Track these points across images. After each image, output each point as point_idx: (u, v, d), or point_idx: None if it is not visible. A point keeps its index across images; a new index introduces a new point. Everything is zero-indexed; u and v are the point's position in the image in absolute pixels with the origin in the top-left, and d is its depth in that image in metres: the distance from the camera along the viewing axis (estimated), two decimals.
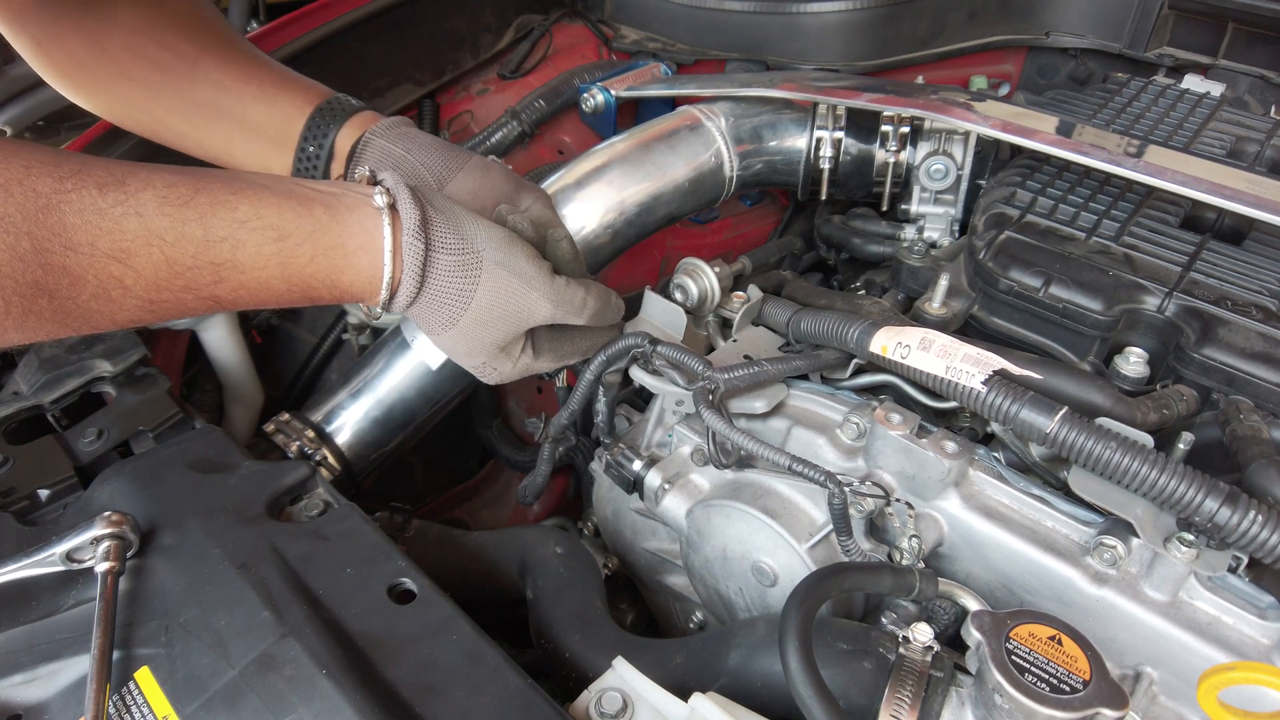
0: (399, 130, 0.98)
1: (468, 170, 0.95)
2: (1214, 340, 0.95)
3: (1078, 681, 0.62)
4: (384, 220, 0.78)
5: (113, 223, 0.66)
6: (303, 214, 0.75)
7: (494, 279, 0.82)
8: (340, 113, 0.99)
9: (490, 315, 0.84)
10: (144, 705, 0.68)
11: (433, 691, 0.68)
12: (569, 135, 1.66)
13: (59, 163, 0.65)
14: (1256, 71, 1.58)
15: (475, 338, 0.85)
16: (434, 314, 0.83)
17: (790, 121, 1.34)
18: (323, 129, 0.98)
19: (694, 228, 1.77)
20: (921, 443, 0.85)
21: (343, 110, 0.99)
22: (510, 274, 0.83)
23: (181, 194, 0.69)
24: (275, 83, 1.00)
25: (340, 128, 0.98)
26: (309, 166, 1.00)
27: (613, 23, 1.82)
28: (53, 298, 0.65)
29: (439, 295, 0.82)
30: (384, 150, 0.96)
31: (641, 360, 0.96)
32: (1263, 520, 0.70)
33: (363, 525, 0.84)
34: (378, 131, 0.97)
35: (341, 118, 0.98)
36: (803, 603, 0.69)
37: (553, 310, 0.86)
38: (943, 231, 1.34)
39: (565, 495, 1.66)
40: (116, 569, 0.74)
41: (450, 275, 0.81)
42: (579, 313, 0.88)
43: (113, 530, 0.76)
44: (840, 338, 0.95)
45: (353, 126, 0.98)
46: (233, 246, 0.71)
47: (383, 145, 0.96)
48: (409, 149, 0.95)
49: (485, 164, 0.97)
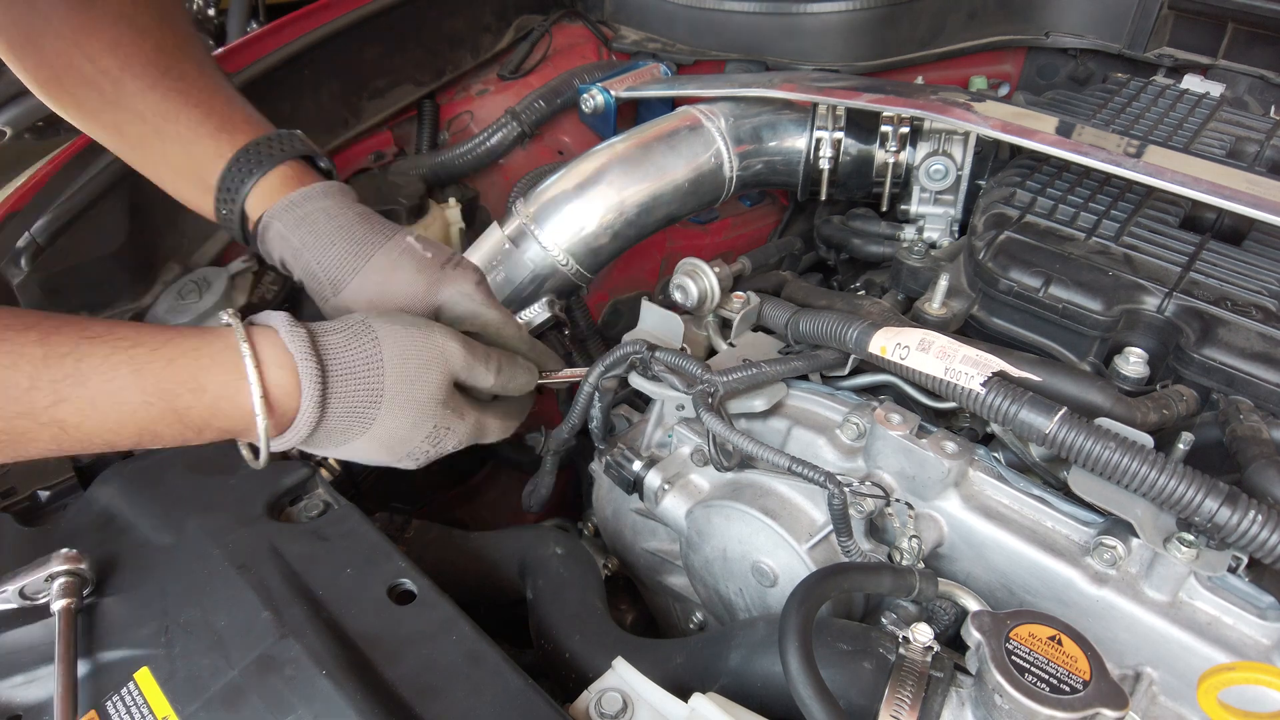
0: (302, 210, 0.87)
1: (367, 272, 0.85)
2: (1214, 340, 0.95)
3: (1078, 682, 0.62)
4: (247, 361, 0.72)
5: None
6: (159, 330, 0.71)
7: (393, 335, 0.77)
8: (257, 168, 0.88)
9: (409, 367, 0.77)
10: (144, 705, 0.68)
11: (433, 691, 0.68)
12: (569, 136, 1.67)
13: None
14: (1256, 72, 1.58)
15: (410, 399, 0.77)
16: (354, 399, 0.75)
17: (790, 122, 1.34)
18: (233, 190, 0.89)
19: (694, 228, 1.77)
20: (921, 443, 0.85)
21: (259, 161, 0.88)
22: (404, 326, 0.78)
23: (27, 321, 0.66)
24: (195, 122, 0.89)
25: (251, 189, 0.88)
26: (229, 225, 0.92)
27: (612, 23, 1.82)
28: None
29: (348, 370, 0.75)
30: (282, 238, 0.87)
31: (640, 366, 0.96)
32: (1263, 520, 0.70)
33: (363, 526, 0.84)
34: (276, 213, 0.87)
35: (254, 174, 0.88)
36: (803, 603, 0.69)
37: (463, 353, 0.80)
38: (942, 232, 1.34)
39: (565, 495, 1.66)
40: (73, 605, 0.73)
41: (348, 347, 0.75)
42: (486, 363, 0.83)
43: (68, 567, 0.74)
44: (839, 338, 0.95)
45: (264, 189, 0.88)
46: (76, 360, 0.66)
47: (280, 231, 0.87)
48: (305, 241, 0.86)
49: (390, 262, 0.86)
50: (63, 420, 0.66)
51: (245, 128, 0.91)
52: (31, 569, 0.74)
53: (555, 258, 1.18)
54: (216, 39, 3.52)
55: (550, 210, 1.20)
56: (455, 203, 1.47)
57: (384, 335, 0.78)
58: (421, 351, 0.79)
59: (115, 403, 0.67)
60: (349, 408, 0.76)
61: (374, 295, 0.85)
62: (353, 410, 0.76)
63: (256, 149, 0.89)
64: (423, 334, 0.79)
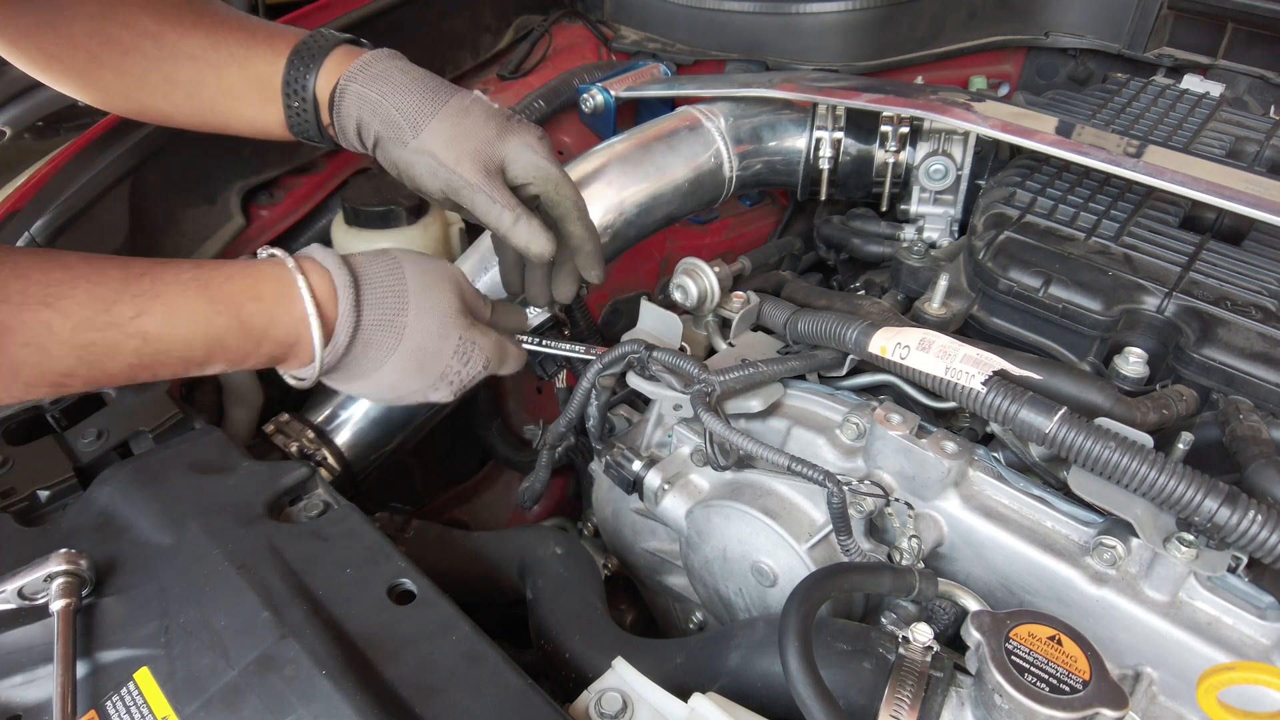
0: (376, 69, 0.92)
1: (444, 115, 0.90)
2: (1213, 340, 0.95)
3: (1077, 681, 0.62)
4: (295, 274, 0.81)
5: (42, 272, 0.70)
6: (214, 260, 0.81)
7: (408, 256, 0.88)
8: (315, 56, 0.93)
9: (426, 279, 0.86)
10: (144, 705, 0.68)
11: (433, 691, 0.68)
12: (569, 136, 1.66)
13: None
14: (1256, 72, 1.58)
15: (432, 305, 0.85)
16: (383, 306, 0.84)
17: (790, 122, 1.34)
18: (301, 80, 0.94)
19: (694, 228, 1.77)
20: (921, 443, 0.85)
21: (318, 52, 0.94)
22: (415, 253, 0.89)
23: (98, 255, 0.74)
24: (242, 41, 0.95)
25: (317, 75, 0.93)
26: (299, 121, 0.97)
27: (612, 23, 1.82)
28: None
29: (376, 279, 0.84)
30: (360, 95, 0.91)
31: (638, 366, 0.96)
32: (1262, 520, 0.70)
33: (362, 526, 0.84)
34: (352, 75, 0.92)
35: (317, 62, 0.93)
36: (803, 603, 0.69)
37: (466, 278, 0.91)
38: (942, 232, 1.34)
39: (565, 495, 1.66)
40: (72, 605, 0.73)
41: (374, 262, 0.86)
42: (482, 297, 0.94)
43: (67, 567, 0.74)
44: (839, 338, 0.95)
45: (329, 69, 0.93)
46: (152, 279, 0.73)
47: (358, 90, 0.91)
48: (384, 92, 0.91)
49: (463, 107, 0.91)
50: (145, 331, 0.72)
51: (288, 34, 0.97)
52: (30, 569, 0.74)
53: None
54: None
55: None
56: None
57: (401, 256, 0.87)
58: (433, 267, 0.88)
59: (190, 311, 0.74)
60: (380, 316, 0.83)
61: (451, 134, 0.89)
62: (384, 318, 0.84)
63: (309, 43, 0.95)
64: (431, 258, 0.89)
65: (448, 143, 0.89)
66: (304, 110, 0.95)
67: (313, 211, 1.40)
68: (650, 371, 0.95)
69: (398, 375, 0.85)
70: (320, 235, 1.41)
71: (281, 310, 0.79)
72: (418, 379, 0.87)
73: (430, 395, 0.89)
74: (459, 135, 0.89)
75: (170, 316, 0.73)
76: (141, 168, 1.18)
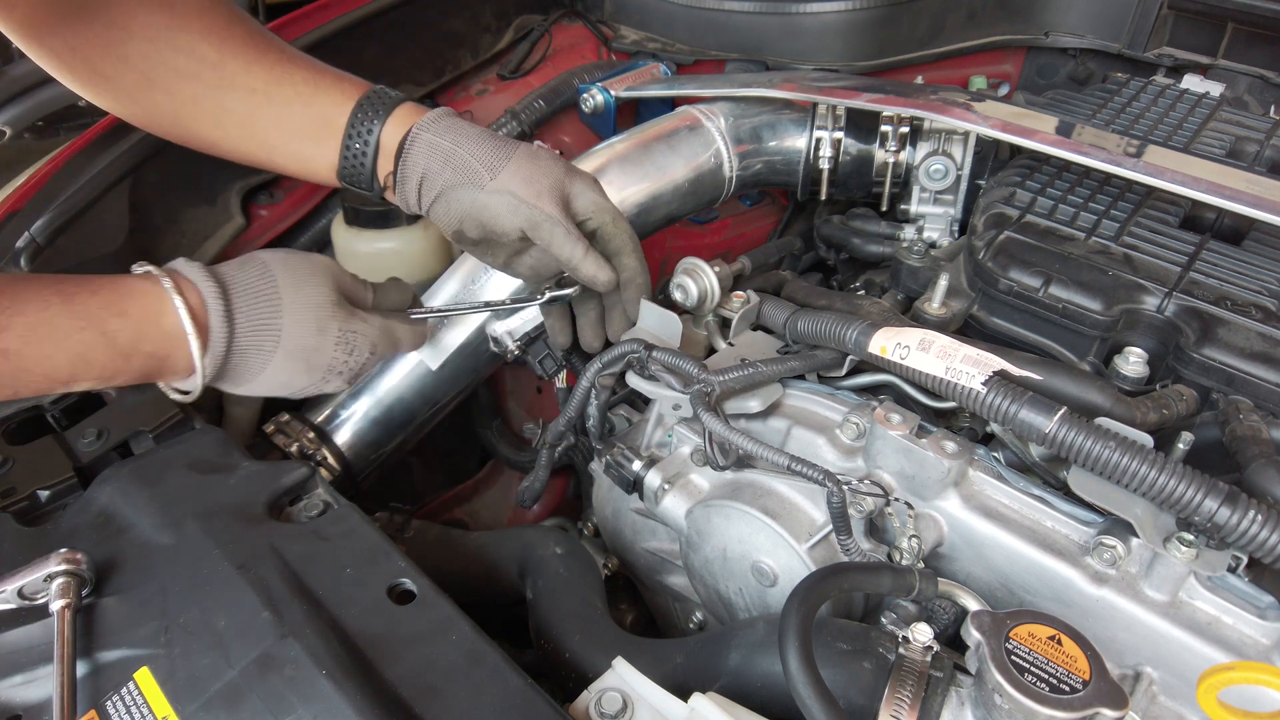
0: (445, 123, 0.97)
1: (518, 159, 0.95)
2: (1213, 340, 0.95)
3: (1077, 681, 0.62)
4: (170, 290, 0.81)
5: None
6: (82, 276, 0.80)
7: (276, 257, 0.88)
8: (383, 106, 0.97)
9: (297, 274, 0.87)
10: (144, 705, 0.68)
11: (433, 691, 0.68)
12: (569, 135, 1.66)
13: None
14: (1256, 71, 1.58)
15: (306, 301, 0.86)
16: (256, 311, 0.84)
17: (790, 122, 1.34)
18: (367, 125, 0.97)
19: (693, 228, 1.77)
20: (921, 443, 0.85)
21: (385, 103, 0.98)
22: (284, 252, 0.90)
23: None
24: (309, 80, 0.98)
25: (385, 122, 0.97)
26: (355, 163, 0.99)
27: (612, 23, 1.82)
28: None
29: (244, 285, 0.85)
30: (432, 145, 0.95)
31: (637, 366, 0.96)
32: (1262, 520, 0.70)
33: (362, 525, 0.84)
34: (425, 125, 0.96)
35: (385, 111, 0.97)
36: (803, 603, 0.69)
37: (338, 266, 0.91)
38: (942, 231, 1.34)
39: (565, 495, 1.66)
40: (72, 605, 0.73)
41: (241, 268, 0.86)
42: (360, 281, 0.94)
43: (67, 567, 0.74)
44: (839, 338, 0.95)
45: (397, 120, 0.97)
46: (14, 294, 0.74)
47: (430, 140, 0.95)
48: (458, 141, 0.95)
49: (534, 151, 0.97)
50: (5, 348, 0.72)
51: (356, 82, 1.01)
52: (30, 569, 0.74)
53: None
54: None
55: None
56: None
57: (268, 258, 0.88)
58: (303, 264, 0.89)
59: (50, 328, 0.74)
60: (253, 322, 0.85)
61: (528, 174, 0.94)
62: (258, 323, 0.85)
63: (379, 93, 0.99)
64: (301, 255, 0.90)
65: (527, 181, 0.93)
66: (363, 154, 0.98)
67: (313, 211, 1.40)
68: (650, 371, 0.95)
69: (283, 374, 0.88)
70: (320, 235, 1.41)
71: (149, 325, 0.80)
72: (305, 375, 0.89)
73: (324, 388, 0.92)
74: (536, 174, 0.94)
75: (31, 332, 0.73)
76: (141, 168, 1.18)
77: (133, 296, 0.80)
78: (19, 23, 0.90)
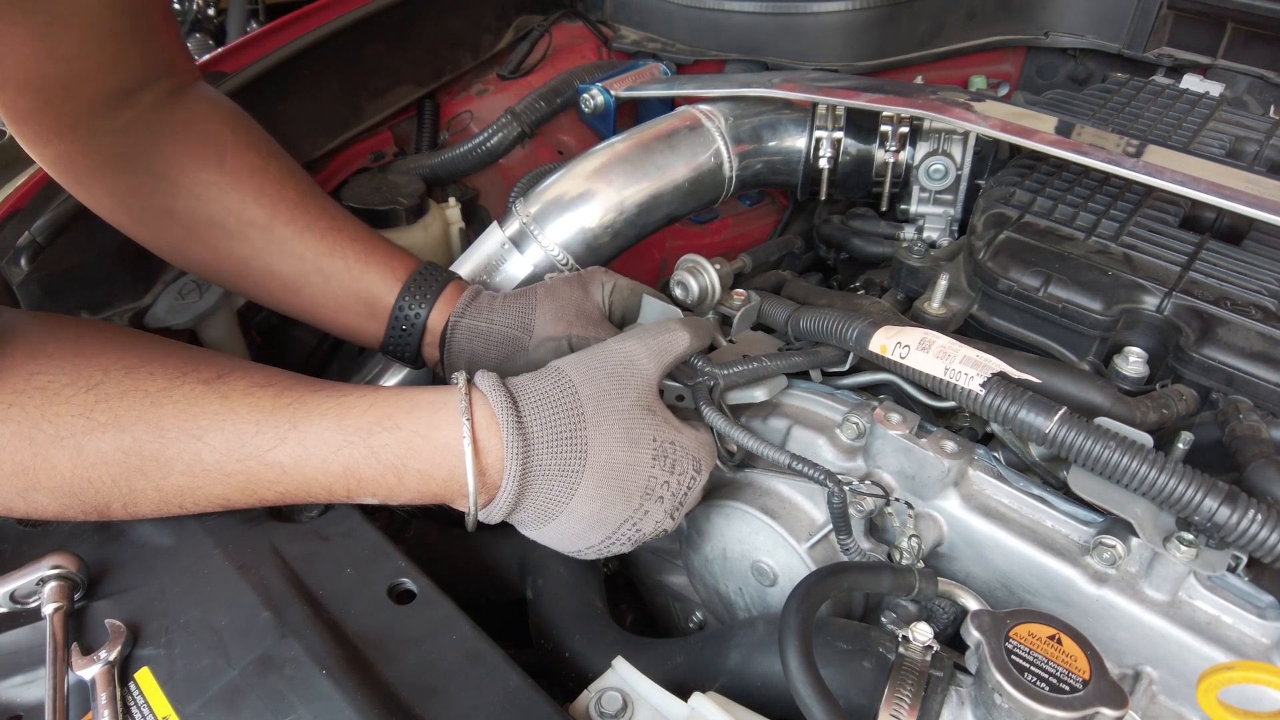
0: (476, 303, 0.98)
1: (540, 304, 0.95)
2: (1213, 340, 0.95)
3: (1077, 681, 0.62)
4: (460, 403, 0.74)
5: (199, 407, 0.71)
6: (381, 387, 0.77)
7: (575, 361, 0.79)
8: (432, 287, 0.99)
9: (598, 378, 0.76)
10: (144, 705, 0.68)
11: (433, 691, 0.68)
12: (569, 135, 1.67)
13: (166, 358, 0.72)
14: (1256, 71, 1.58)
15: (611, 408, 0.75)
16: (555, 427, 0.73)
17: (790, 122, 1.34)
18: (416, 305, 0.98)
19: (694, 228, 1.77)
20: (921, 442, 0.86)
21: (434, 284, 0.99)
22: (585, 352, 0.80)
23: (269, 379, 0.74)
24: (360, 256, 0.97)
25: (432, 307, 0.98)
26: (401, 342, 0.99)
27: (612, 23, 1.82)
28: (148, 479, 0.70)
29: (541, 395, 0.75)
30: (470, 329, 0.96)
31: None
32: (1262, 519, 0.70)
33: (363, 525, 0.84)
34: (460, 311, 0.97)
35: (433, 295, 0.98)
36: (803, 602, 0.69)
37: (650, 342, 0.81)
38: (942, 231, 1.34)
39: None
40: (64, 608, 0.73)
41: (537, 379, 0.77)
42: (673, 331, 0.84)
43: (59, 571, 0.74)
44: (839, 336, 0.95)
45: (443, 303, 0.98)
46: (294, 409, 0.72)
47: (469, 325, 0.96)
48: (491, 319, 0.96)
49: (548, 287, 0.98)
50: (281, 462, 0.71)
51: (401, 257, 1.01)
52: (22, 572, 0.74)
53: (555, 257, 1.18)
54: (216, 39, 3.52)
55: (550, 210, 1.20)
56: (455, 202, 1.47)
57: (565, 364, 0.78)
58: (605, 366, 0.78)
59: (320, 442, 0.71)
60: (552, 434, 0.73)
61: (555, 313, 0.94)
62: (557, 436, 0.73)
63: (426, 272, 1.00)
64: (601, 349, 0.80)
65: (556, 319, 0.93)
66: (409, 335, 0.99)
67: None
68: None
69: (595, 503, 0.74)
70: None
71: (420, 439, 0.72)
72: (620, 502, 0.75)
73: (643, 525, 0.77)
74: (559, 309, 0.94)
75: (303, 447, 0.71)
76: None
77: (410, 411, 0.73)
78: (52, 161, 0.86)
